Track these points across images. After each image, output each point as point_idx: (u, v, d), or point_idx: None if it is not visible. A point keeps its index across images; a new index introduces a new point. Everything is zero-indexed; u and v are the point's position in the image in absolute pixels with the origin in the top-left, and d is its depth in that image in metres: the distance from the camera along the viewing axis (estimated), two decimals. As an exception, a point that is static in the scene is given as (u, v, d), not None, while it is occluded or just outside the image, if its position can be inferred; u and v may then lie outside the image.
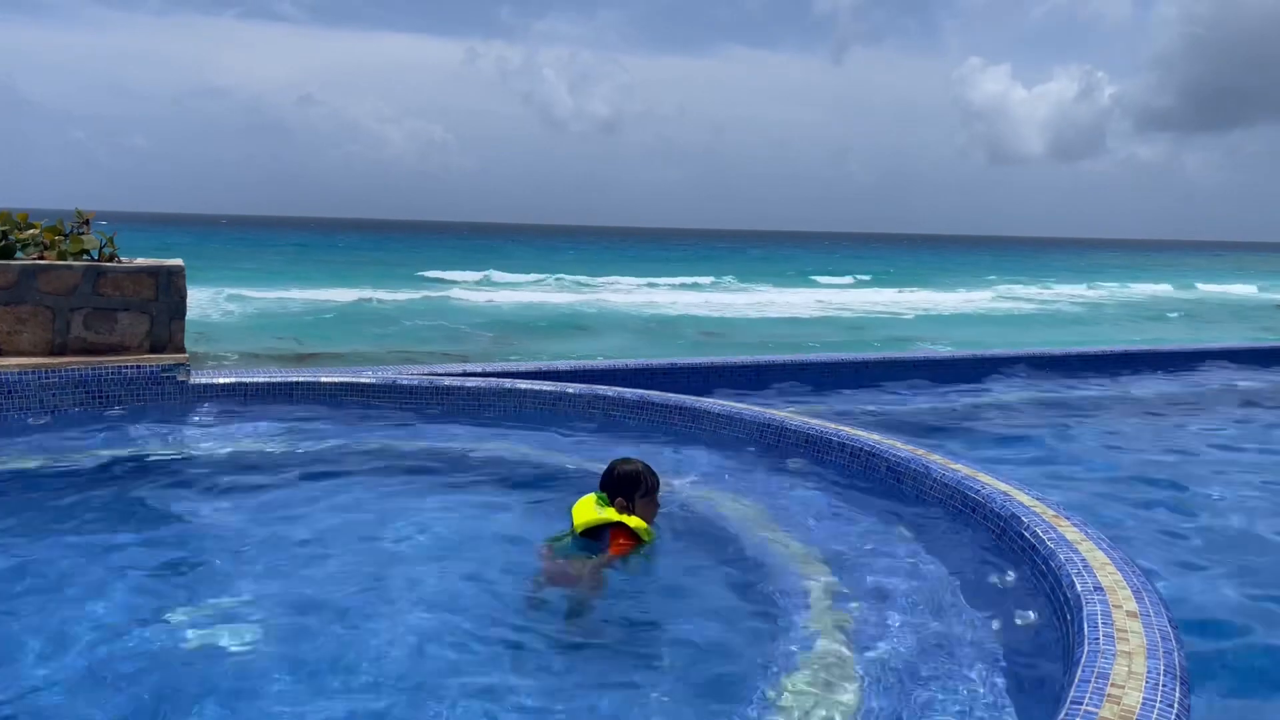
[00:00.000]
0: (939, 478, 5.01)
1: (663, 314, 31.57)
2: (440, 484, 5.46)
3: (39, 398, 6.45)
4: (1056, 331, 28.91)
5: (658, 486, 4.40)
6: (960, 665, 3.31)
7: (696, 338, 25.01)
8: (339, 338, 22.46)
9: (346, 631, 3.52)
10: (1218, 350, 12.31)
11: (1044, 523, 4.12)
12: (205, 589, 3.88)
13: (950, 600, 3.87)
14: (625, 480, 4.32)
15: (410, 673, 3.24)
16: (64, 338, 6.83)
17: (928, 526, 4.70)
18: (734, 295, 40.74)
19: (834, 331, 27.26)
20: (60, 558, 4.14)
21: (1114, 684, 2.69)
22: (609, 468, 4.41)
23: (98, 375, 6.65)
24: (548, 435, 6.54)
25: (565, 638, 3.58)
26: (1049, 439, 7.67)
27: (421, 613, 3.70)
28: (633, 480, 4.31)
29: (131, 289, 6.97)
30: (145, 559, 4.19)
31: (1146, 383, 10.55)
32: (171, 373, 6.85)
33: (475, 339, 23.25)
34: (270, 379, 7.16)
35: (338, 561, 4.22)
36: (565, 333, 25.27)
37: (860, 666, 3.29)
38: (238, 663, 3.27)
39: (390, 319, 27.45)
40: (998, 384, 9.95)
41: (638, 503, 4.29)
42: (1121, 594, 3.34)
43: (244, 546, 4.38)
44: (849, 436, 5.81)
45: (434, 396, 7.15)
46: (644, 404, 6.89)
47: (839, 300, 40.14)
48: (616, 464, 4.40)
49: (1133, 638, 2.99)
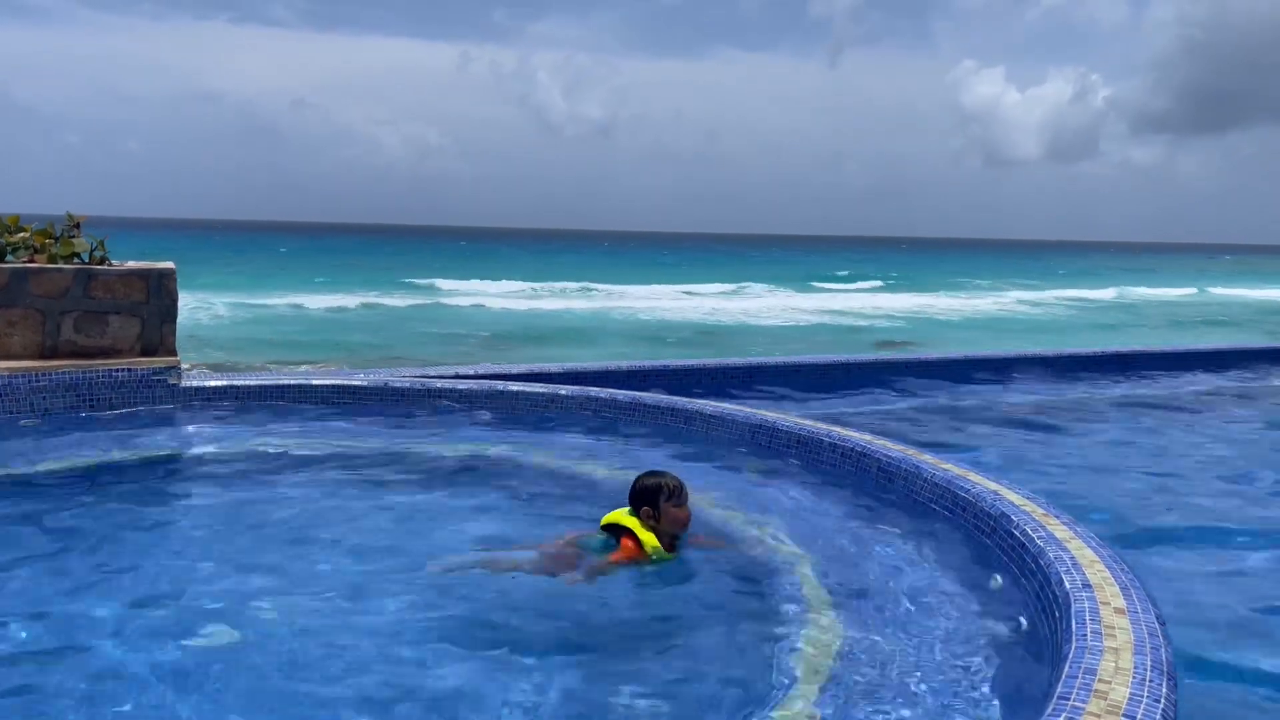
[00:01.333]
0: (929, 477, 5.02)
1: (668, 319, 31.51)
2: (432, 485, 5.45)
3: (30, 401, 6.44)
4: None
5: (679, 495, 4.30)
6: (950, 663, 3.31)
7: (703, 343, 24.92)
8: (331, 343, 22.46)
9: (337, 632, 3.52)
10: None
11: (1033, 521, 4.12)
12: (197, 591, 3.87)
13: (940, 598, 3.87)
14: (645, 492, 4.29)
15: (396, 672, 3.24)
16: (55, 340, 6.81)
17: (919, 526, 4.71)
18: (748, 301, 40.27)
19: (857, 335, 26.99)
20: (50, 560, 4.12)
21: (1101, 679, 2.69)
22: (634, 480, 4.41)
23: (89, 378, 6.64)
24: (540, 436, 6.54)
25: (553, 634, 3.58)
26: (1046, 438, 7.69)
27: (410, 612, 3.70)
28: (652, 491, 4.27)
29: (122, 292, 6.96)
30: (136, 561, 4.18)
31: (1151, 384, 10.59)
32: (163, 375, 6.84)
33: (468, 344, 23.25)
34: (261, 381, 7.16)
35: (330, 563, 4.22)
36: (560, 339, 25.28)
37: (849, 663, 3.29)
38: (228, 664, 3.25)
39: (382, 325, 27.44)
40: (995, 385, 9.98)
41: (662, 510, 4.24)
42: (1109, 591, 3.35)
43: (236, 548, 4.38)
44: (840, 437, 5.81)
45: (426, 398, 7.15)
46: (636, 405, 6.89)
47: (856, 305, 39.60)
48: (640, 476, 4.39)
49: (1120, 634, 2.99)
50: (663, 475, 4.37)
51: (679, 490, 4.30)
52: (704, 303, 38.74)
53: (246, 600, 3.76)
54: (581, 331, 26.91)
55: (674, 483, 4.31)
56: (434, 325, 27.72)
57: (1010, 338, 26.78)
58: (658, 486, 4.28)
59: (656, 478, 4.34)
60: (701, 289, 46.26)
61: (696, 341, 25.26)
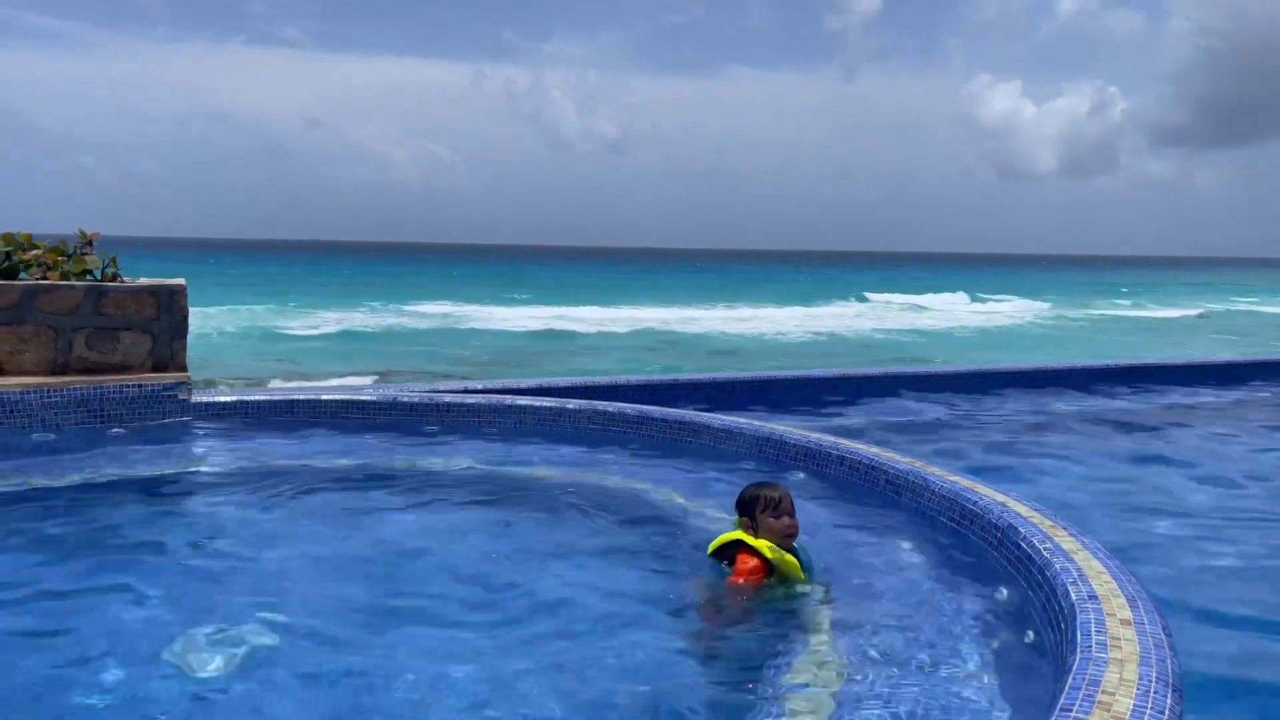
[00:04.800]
0: (937, 489, 5.00)
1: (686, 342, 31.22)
2: (443, 501, 5.45)
3: (41, 417, 6.48)
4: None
5: (777, 507, 4.12)
6: (956, 674, 3.29)
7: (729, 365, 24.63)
8: (341, 361, 22.53)
9: (354, 645, 3.51)
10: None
11: (1040, 533, 4.10)
12: (210, 608, 3.84)
13: (947, 609, 3.86)
14: (742, 503, 4.21)
15: (422, 697, 3.20)
16: (66, 357, 6.87)
17: (926, 537, 4.70)
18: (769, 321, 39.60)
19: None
20: (63, 577, 4.14)
21: (1105, 691, 2.67)
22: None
23: (100, 394, 6.68)
24: (548, 451, 6.54)
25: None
26: (1057, 450, 7.65)
27: (431, 629, 3.68)
28: (748, 503, 4.18)
29: (133, 308, 7.01)
30: (148, 578, 4.17)
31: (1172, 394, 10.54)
32: (173, 391, 6.88)
33: (478, 362, 23.29)
34: (271, 397, 7.19)
35: (342, 579, 4.19)
36: (572, 357, 25.29)
37: (856, 674, 3.28)
38: (245, 686, 3.22)
39: (392, 342, 27.52)
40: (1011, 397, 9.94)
41: (758, 521, 4.13)
42: (1116, 602, 3.33)
43: (246, 565, 4.36)
44: (848, 450, 5.80)
45: (435, 413, 7.16)
46: (644, 419, 6.89)
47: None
48: (746, 486, 4.29)
49: (1126, 645, 2.97)
50: (764, 487, 4.22)
51: (777, 502, 4.13)
52: (739, 323, 37.75)
53: (259, 616, 3.73)
54: (594, 350, 26.92)
55: (773, 494, 4.16)
56: (444, 342, 27.80)
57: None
58: (754, 498, 4.17)
59: (756, 489, 4.21)
60: (724, 310, 44.87)
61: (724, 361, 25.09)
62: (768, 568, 4.02)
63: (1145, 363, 12.02)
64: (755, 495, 4.18)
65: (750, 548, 4.07)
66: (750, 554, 4.06)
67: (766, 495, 4.15)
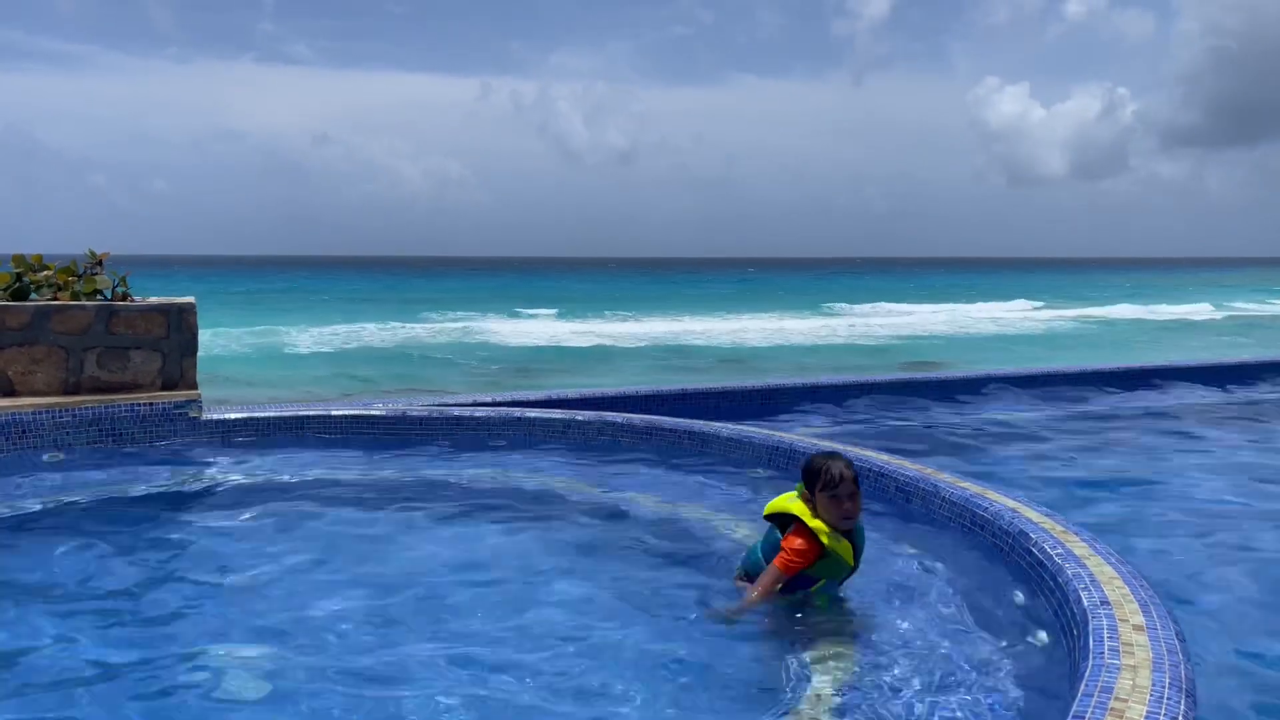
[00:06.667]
0: (947, 496, 4.98)
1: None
2: (453, 513, 5.45)
3: (53, 436, 6.51)
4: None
5: (837, 486, 3.81)
6: (966, 680, 3.27)
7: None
8: (351, 376, 22.55)
9: (365, 658, 3.51)
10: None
11: (1052, 538, 4.07)
12: (221, 625, 3.86)
13: (959, 616, 3.84)
14: (806, 472, 3.91)
15: (435, 709, 3.19)
16: (78, 377, 6.90)
17: (937, 544, 4.67)
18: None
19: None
20: (74, 594, 4.15)
21: (1117, 697, 2.65)
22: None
23: (111, 413, 6.71)
24: (558, 463, 6.54)
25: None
26: (1067, 454, 7.61)
27: (443, 641, 3.68)
28: (812, 474, 3.87)
29: (143, 327, 7.05)
30: (159, 595, 4.20)
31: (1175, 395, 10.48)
32: (184, 409, 6.90)
33: (490, 374, 23.30)
34: (281, 413, 7.21)
35: (355, 593, 4.19)
36: (589, 368, 25.25)
37: (867, 680, 3.26)
38: (257, 702, 3.23)
39: (405, 356, 27.56)
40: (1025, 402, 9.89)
41: (818, 498, 3.85)
42: (1129, 608, 3.30)
43: (259, 581, 4.36)
44: (858, 457, 5.76)
45: (444, 426, 7.17)
46: (653, 429, 6.88)
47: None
48: (813, 455, 4.00)
49: (1138, 651, 2.94)
50: (830, 459, 3.89)
51: (837, 482, 3.81)
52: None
53: (270, 632, 3.74)
54: (610, 361, 26.89)
55: (837, 471, 3.82)
56: (459, 355, 27.82)
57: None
58: (818, 470, 3.85)
59: (823, 460, 3.89)
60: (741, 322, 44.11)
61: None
62: (819, 549, 3.82)
63: (1160, 364, 11.96)
64: (818, 468, 3.86)
65: (807, 530, 3.82)
66: (803, 535, 3.84)
67: (828, 472, 3.83)
